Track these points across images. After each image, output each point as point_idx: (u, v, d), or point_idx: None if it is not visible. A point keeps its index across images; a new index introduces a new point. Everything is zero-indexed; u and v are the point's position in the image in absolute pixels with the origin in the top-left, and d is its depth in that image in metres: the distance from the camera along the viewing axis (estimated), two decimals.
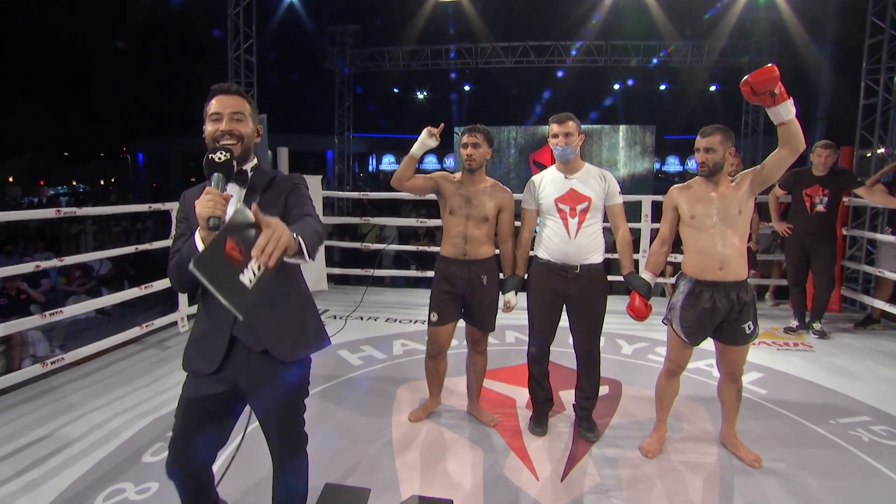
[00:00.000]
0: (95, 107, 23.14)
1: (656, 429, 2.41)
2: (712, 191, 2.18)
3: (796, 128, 1.93)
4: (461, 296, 2.49)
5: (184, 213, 1.48)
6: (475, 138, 2.43)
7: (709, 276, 2.16)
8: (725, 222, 2.13)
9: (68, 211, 2.85)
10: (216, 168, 1.31)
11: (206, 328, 1.45)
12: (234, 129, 1.43)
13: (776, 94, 1.86)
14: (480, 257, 2.47)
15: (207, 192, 1.25)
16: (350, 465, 2.24)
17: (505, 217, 2.51)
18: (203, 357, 1.44)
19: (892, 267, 4.08)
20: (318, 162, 18.31)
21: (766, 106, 1.92)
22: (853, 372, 3.30)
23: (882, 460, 2.29)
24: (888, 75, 5.33)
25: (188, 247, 1.35)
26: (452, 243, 2.48)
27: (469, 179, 2.49)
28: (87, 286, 6.93)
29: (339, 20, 11.47)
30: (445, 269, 2.49)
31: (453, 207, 2.47)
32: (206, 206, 1.23)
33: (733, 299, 2.15)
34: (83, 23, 17.88)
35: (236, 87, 1.48)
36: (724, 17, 9.31)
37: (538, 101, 17.34)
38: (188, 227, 1.45)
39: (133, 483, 2.09)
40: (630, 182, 10.19)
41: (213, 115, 1.43)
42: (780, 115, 1.91)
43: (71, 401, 2.83)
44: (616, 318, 4.35)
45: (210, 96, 1.46)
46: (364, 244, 5.67)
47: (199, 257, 1.08)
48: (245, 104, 1.47)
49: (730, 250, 2.13)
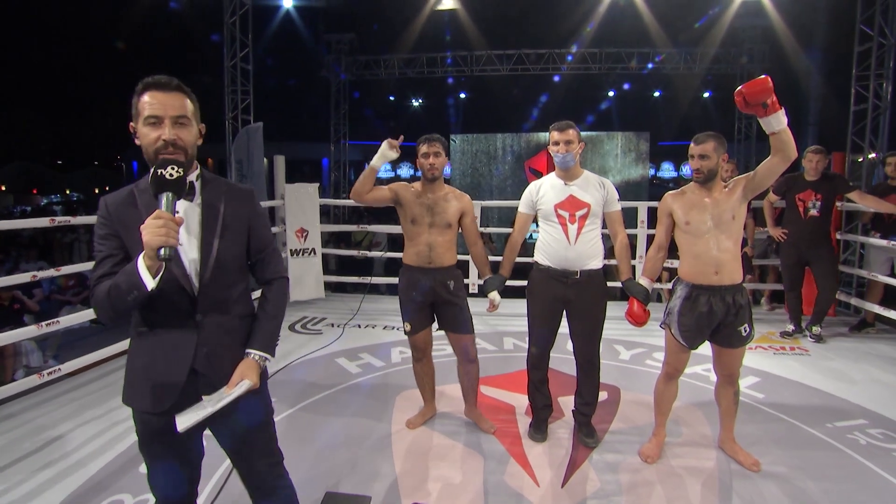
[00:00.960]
0: (89, 114, 23.07)
1: (655, 433, 2.42)
2: (706, 197, 2.20)
3: (788, 137, 1.96)
4: (429, 304, 2.53)
5: (110, 228, 1.23)
6: (435, 147, 2.47)
7: (705, 280, 2.19)
8: (720, 227, 2.16)
9: (63, 220, 2.84)
10: (167, 187, 1.12)
11: (150, 362, 1.27)
12: (178, 137, 1.20)
13: (768, 104, 1.89)
14: (445, 264, 2.51)
15: (158, 217, 1.07)
16: (350, 472, 2.23)
17: (468, 221, 2.56)
18: (151, 394, 1.25)
19: (882, 269, 4.12)
20: (313, 169, 18.31)
21: (759, 116, 1.95)
22: (849, 375, 3.32)
23: (878, 463, 2.30)
24: (877, 82, 5.42)
25: (128, 278, 1.12)
26: (416, 252, 2.51)
27: (430, 188, 2.52)
28: (81, 296, 6.88)
29: (335, 28, 11.54)
30: (410, 276, 2.53)
31: (415, 216, 2.50)
32: (157, 235, 1.06)
33: (729, 303, 2.17)
34: (77, 29, 17.89)
35: (177, 82, 1.24)
36: (717, 24, 9.44)
37: (533, 108, 17.48)
38: (119, 246, 1.23)
39: (131, 494, 2.07)
40: (625, 188, 10.24)
41: (151, 119, 1.20)
42: (772, 125, 1.94)
43: (66, 411, 2.81)
44: (614, 324, 4.36)
45: (141, 90, 1.22)
46: (361, 251, 5.68)
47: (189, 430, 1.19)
48: (187, 103, 1.24)
49: (725, 255, 2.16)
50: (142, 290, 1.12)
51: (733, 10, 8.37)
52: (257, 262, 1.41)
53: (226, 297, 1.32)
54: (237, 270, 1.35)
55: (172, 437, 1.26)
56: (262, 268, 1.42)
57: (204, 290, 1.28)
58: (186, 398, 1.26)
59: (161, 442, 1.31)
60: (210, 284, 1.28)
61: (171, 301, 1.25)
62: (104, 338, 4.70)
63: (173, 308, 1.26)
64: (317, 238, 5.06)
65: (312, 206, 5.01)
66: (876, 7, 5.31)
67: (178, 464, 1.34)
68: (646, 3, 8.60)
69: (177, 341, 1.27)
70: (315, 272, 5.08)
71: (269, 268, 1.42)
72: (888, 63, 5.35)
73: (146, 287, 1.11)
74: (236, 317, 1.33)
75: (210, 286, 1.28)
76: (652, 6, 8.83)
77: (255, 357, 1.33)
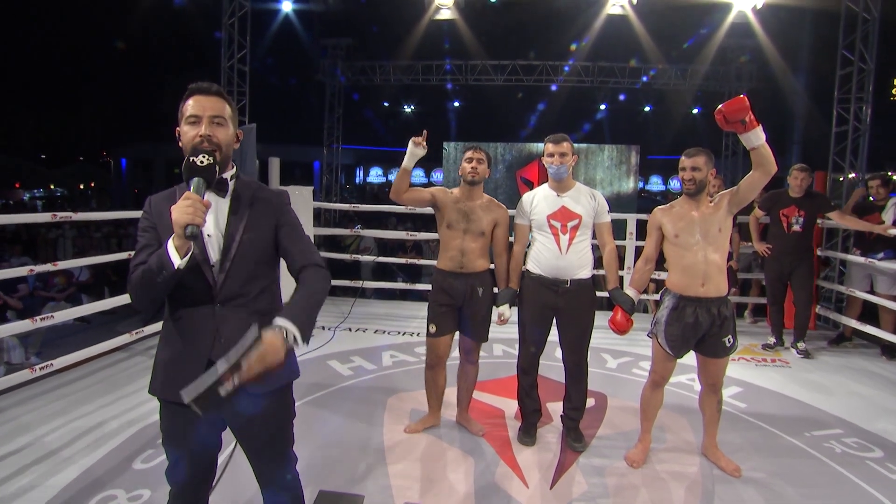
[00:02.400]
0: (76, 109, 22.69)
1: (641, 439, 2.49)
2: (694, 210, 2.29)
3: (767, 152, 2.06)
4: (458, 308, 2.56)
5: (150, 221, 1.34)
6: (480, 154, 2.54)
7: (692, 291, 2.27)
8: (707, 240, 2.25)
9: (64, 215, 2.84)
10: (197, 172, 1.22)
11: (175, 353, 1.33)
12: (213, 134, 1.30)
13: (746, 121, 2.00)
14: (477, 270, 2.54)
15: (187, 197, 1.16)
16: (343, 472, 2.26)
17: (500, 232, 2.59)
18: (173, 384, 1.26)
19: (861, 286, 4.27)
20: (304, 172, 18.28)
21: (739, 133, 2.06)
22: (827, 387, 3.43)
23: (852, 470, 2.40)
24: (857, 105, 5.62)
25: (158, 258, 1.21)
26: (450, 256, 2.55)
27: (467, 194, 2.57)
28: (66, 293, 6.79)
29: (333, 33, 11.60)
30: (443, 281, 2.56)
31: (451, 221, 2.54)
32: (185, 213, 1.13)
33: (714, 314, 2.26)
34: (67, 24, 17.68)
35: (216, 87, 1.34)
36: (707, 43, 9.69)
37: (526, 119, 17.67)
38: (155, 237, 1.31)
39: (125, 490, 2.08)
40: (615, 200, 10.41)
41: (191, 118, 1.30)
42: (751, 140, 2.05)
43: (55, 408, 2.80)
44: (601, 333, 4.44)
45: (186, 96, 1.33)
46: (353, 255, 5.70)
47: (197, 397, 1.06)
48: (225, 106, 1.34)
49: (711, 267, 2.24)
50: (169, 269, 1.19)
51: (724, 30, 8.61)
52: (290, 253, 1.38)
53: (246, 291, 1.34)
54: (262, 265, 1.37)
55: (193, 429, 1.32)
56: (298, 258, 1.37)
57: (225, 282, 1.31)
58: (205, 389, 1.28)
59: (182, 433, 1.34)
60: (231, 276, 1.32)
61: (193, 291, 1.29)
62: (91, 335, 4.67)
63: (196, 300, 1.31)
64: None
65: (306, 209, 5.03)
66: (857, 34, 5.52)
67: (197, 455, 1.38)
68: (640, 19, 8.80)
69: (198, 332, 1.31)
70: None
71: (303, 256, 1.37)
72: (867, 87, 5.56)
73: (173, 265, 1.18)
74: (257, 312, 1.35)
75: (231, 278, 1.32)
76: (646, 23, 9.04)
77: (279, 328, 1.16)
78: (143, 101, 20.15)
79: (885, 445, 2.64)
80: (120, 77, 19.89)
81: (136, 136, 21.24)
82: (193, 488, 1.41)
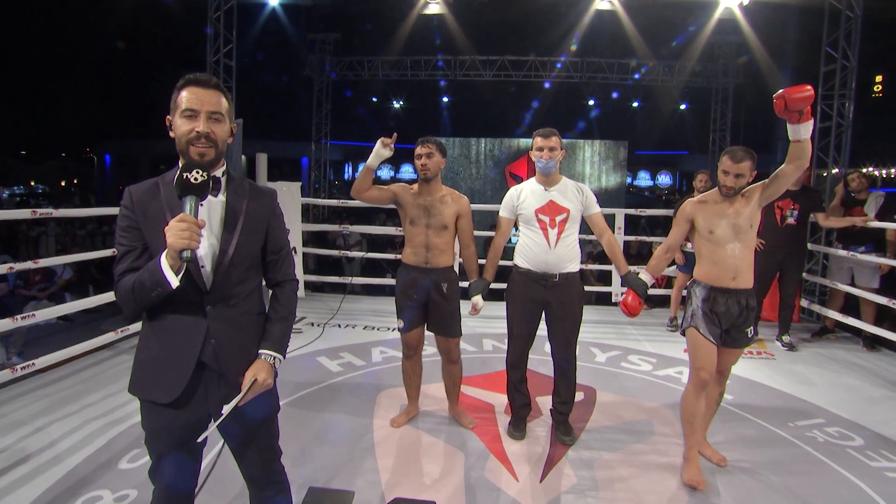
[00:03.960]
0: (57, 105, 22.20)
1: (689, 457, 2.26)
2: (729, 208, 2.25)
3: (808, 146, 2.04)
4: (424, 303, 2.57)
5: (132, 219, 1.27)
6: (428, 148, 2.51)
7: (723, 283, 2.26)
8: (739, 237, 2.23)
9: (44, 212, 2.78)
10: (191, 191, 1.16)
11: (159, 352, 1.30)
12: (211, 131, 1.26)
13: (804, 112, 1.93)
14: (441, 265, 2.56)
15: (182, 220, 1.13)
16: (333, 468, 2.25)
17: (464, 224, 2.60)
18: (159, 386, 1.29)
19: (843, 279, 4.35)
20: (292, 168, 18.13)
21: (790, 122, 1.98)
22: (810, 378, 3.50)
23: (834, 458, 2.45)
24: (840, 102, 5.71)
25: (152, 276, 1.17)
26: (414, 252, 2.56)
27: (426, 189, 2.56)
28: (48, 291, 6.66)
29: (321, 28, 11.49)
30: (408, 276, 2.58)
31: (413, 217, 2.54)
32: (181, 238, 1.11)
33: (743, 305, 2.26)
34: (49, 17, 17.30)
35: (215, 80, 1.30)
36: (695, 40, 9.76)
37: (515, 115, 17.68)
38: (139, 238, 1.26)
39: (110, 490, 2.05)
40: (603, 195, 10.46)
41: (188, 112, 1.25)
42: (800, 132, 1.99)
43: (38, 408, 2.75)
44: (590, 327, 4.47)
45: (182, 86, 1.27)
46: (342, 252, 5.67)
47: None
48: (223, 100, 1.30)
49: (742, 262, 2.24)
50: (165, 288, 1.18)
51: (711, 26, 8.68)
52: (270, 262, 1.44)
53: (237, 293, 1.34)
54: (251, 268, 1.38)
55: (178, 429, 1.31)
56: (275, 269, 1.44)
57: (216, 284, 1.30)
58: (192, 390, 1.30)
59: (167, 433, 1.32)
60: (223, 279, 1.30)
61: (183, 293, 1.26)
62: (75, 334, 4.59)
63: (185, 300, 1.28)
64: (297, 237, 5.05)
65: (294, 205, 5.00)
66: (840, 31, 5.60)
67: (182, 455, 1.35)
68: (628, 15, 8.84)
69: (186, 333, 1.29)
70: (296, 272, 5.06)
71: (280, 270, 1.45)
72: (850, 84, 5.64)
73: (171, 285, 1.17)
74: (246, 313, 1.35)
75: (223, 281, 1.31)
76: (634, 19, 9.08)
77: (266, 358, 1.37)
78: (128, 97, 19.81)
79: (865, 434, 2.71)
80: (104, 72, 19.51)
81: (120, 132, 20.89)
82: (179, 487, 1.39)
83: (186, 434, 1.32)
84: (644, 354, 3.89)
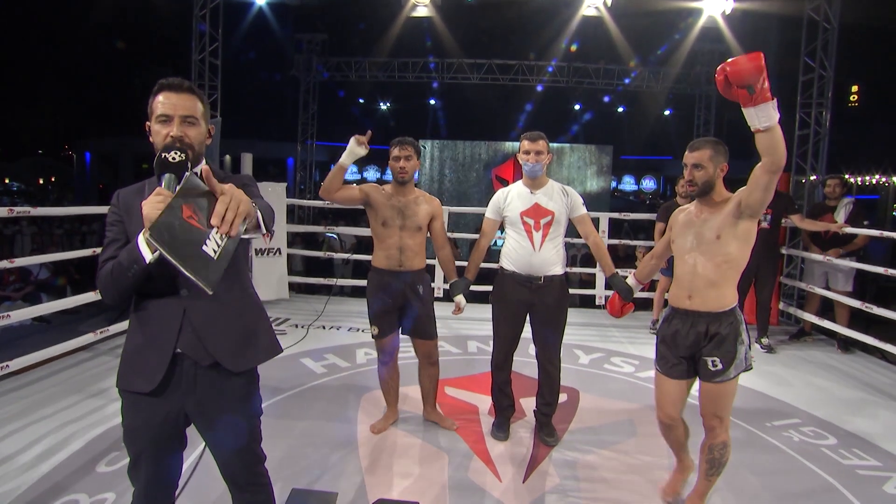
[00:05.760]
0: (34, 102, 21.67)
1: (675, 468, 2.19)
2: (700, 214, 1.92)
3: (777, 136, 1.57)
4: (398, 307, 2.56)
5: (118, 215, 1.33)
6: (406, 151, 2.50)
7: (679, 304, 1.95)
8: (700, 248, 1.89)
9: (22, 210, 2.72)
10: (169, 168, 1.19)
11: (141, 342, 1.32)
12: (185, 134, 1.28)
13: (755, 90, 1.49)
14: (416, 268, 2.56)
15: (158, 193, 1.13)
16: (316, 470, 2.24)
17: (437, 225, 2.61)
18: (140, 375, 1.30)
19: (818, 283, 4.46)
20: (278, 169, 17.98)
21: (743, 105, 1.55)
22: (787, 379, 3.58)
23: (809, 458, 2.52)
24: (818, 110, 5.86)
25: (129, 253, 1.20)
26: (387, 255, 2.54)
27: (400, 191, 2.56)
28: (23, 291, 6.50)
29: (308, 28, 11.42)
30: (380, 280, 2.55)
31: (386, 219, 2.52)
32: (156, 209, 1.10)
33: (701, 332, 1.89)
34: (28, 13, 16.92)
35: (188, 84, 1.32)
36: (679, 46, 9.94)
37: (502, 119, 17.77)
38: (123, 231, 1.31)
39: (87, 494, 2.01)
40: (587, 200, 10.47)
41: (161, 117, 1.28)
42: (757, 118, 1.54)
43: (12, 410, 2.68)
44: (574, 330, 4.50)
45: (156, 91, 1.29)
46: (328, 253, 5.64)
47: (155, 225, 1.01)
48: (197, 104, 1.32)
49: (700, 280, 1.88)
50: (140, 263, 1.18)
51: (695, 34, 8.86)
52: None
53: None
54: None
55: (157, 424, 1.31)
56: None
57: None
58: (170, 378, 1.30)
59: (146, 428, 1.32)
60: None
61: (160, 281, 1.27)
62: (51, 335, 4.48)
63: (162, 288, 1.29)
64: (282, 238, 5.01)
65: (279, 206, 4.96)
66: (817, 42, 5.76)
67: (161, 453, 1.35)
68: (615, 21, 8.96)
69: (165, 320, 1.30)
70: (279, 272, 5.03)
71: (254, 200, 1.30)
72: (827, 94, 5.80)
73: (144, 260, 1.17)
74: (224, 301, 1.33)
75: None
76: (620, 25, 9.21)
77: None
78: (110, 94, 19.43)
79: (838, 433, 2.78)
80: (85, 69, 19.12)
81: (101, 130, 20.47)
82: (157, 488, 1.37)
83: (166, 429, 1.32)
84: (627, 357, 3.94)
